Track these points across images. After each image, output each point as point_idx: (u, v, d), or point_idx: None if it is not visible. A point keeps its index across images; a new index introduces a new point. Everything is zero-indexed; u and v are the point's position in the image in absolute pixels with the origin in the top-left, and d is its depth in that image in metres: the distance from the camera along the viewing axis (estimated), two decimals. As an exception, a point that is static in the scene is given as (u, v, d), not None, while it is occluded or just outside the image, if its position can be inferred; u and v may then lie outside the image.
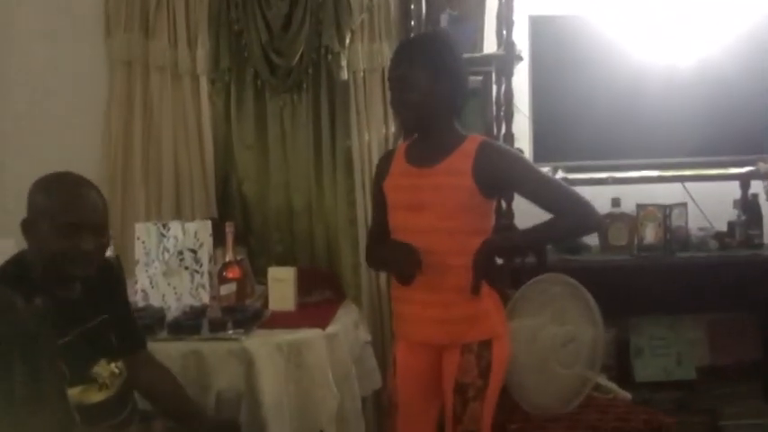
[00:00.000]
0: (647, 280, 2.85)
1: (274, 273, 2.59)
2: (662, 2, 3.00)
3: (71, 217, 1.70)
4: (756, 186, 3.01)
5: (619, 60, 2.93)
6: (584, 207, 1.90)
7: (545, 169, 2.36)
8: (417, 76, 1.89)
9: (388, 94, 2.05)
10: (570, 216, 1.90)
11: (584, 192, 1.99)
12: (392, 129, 2.98)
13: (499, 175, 1.89)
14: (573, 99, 2.94)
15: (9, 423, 1.41)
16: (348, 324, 2.50)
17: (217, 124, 3.02)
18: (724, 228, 3.00)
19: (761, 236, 2.93)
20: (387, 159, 2.08)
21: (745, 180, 3.01)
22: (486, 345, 1.91)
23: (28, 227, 1.73)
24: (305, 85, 3.00)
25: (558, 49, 2.93)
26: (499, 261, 2.17)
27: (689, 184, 3.02)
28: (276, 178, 3.03)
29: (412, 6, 2.91)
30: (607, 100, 2.93)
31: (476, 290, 1.87)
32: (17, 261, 1.76)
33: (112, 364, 1.82)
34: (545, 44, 2.94)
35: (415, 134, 2.02)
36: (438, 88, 1.91)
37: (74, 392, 1.70)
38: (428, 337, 1.95)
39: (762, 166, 2.95)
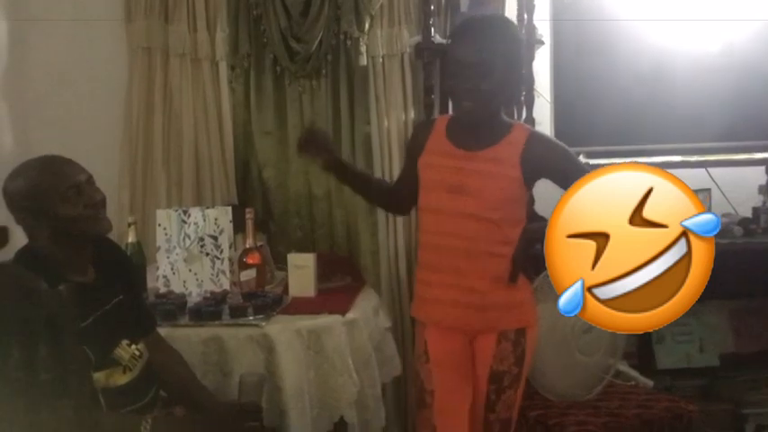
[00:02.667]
0: (670, 266, 2.82)
1: (294, 259, 2.59)
2: (686, -16, 2.96)
3: (69, 180, 1.72)
4: (782, 172, 2.97)
5: (641, 44, 2.89)
6: None
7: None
8: (494, 63, 1.75)
9: (447, 79, 1.90)
10: None
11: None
12: (411, 114, 2.96)
13: (545, 166, 1.85)
14: (595, 83, 2.91)
15: (35, 408, 1.43)
16: (368, 310, 2.50)
17: (236, 110, 3.02)
18: (749, 214, 2.96)
19: (786, 222, 2.90)
20: (424, 132, 1.96)
21: (770, 165, 2.97)
22: (521, 332, 1.90)
23: (29, 220, 1.73)
24: (324, 71, 2.98)
25: (579, 32, 2.90)
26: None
27: (713, 170, 2.98)
28: (296, 164, 3.03)
29: (432, -10, 2.88)
30: (630, 84, 2.89)
31: (514, 279, 1.85)
32: (27, 253, 1.76)
33: (133, 347, 1.84)
34: (567, 28, 2.90)
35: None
36: (511, 77, 1.82)
37: (99, 376, 1.72)
38: (463, 322, 1.92)
39: (788, 150, 2.91)
